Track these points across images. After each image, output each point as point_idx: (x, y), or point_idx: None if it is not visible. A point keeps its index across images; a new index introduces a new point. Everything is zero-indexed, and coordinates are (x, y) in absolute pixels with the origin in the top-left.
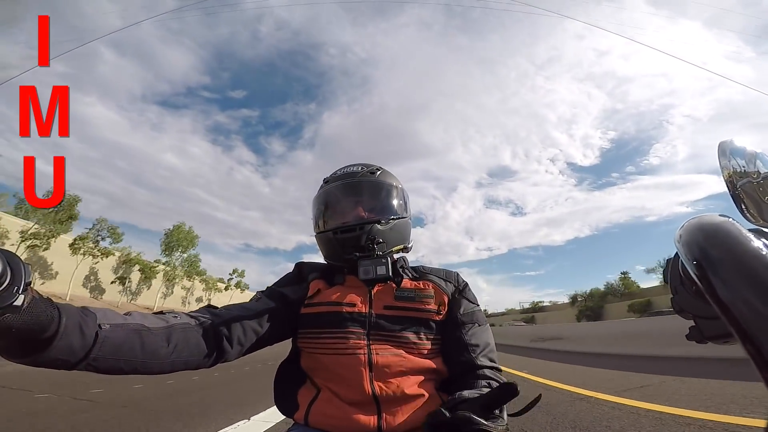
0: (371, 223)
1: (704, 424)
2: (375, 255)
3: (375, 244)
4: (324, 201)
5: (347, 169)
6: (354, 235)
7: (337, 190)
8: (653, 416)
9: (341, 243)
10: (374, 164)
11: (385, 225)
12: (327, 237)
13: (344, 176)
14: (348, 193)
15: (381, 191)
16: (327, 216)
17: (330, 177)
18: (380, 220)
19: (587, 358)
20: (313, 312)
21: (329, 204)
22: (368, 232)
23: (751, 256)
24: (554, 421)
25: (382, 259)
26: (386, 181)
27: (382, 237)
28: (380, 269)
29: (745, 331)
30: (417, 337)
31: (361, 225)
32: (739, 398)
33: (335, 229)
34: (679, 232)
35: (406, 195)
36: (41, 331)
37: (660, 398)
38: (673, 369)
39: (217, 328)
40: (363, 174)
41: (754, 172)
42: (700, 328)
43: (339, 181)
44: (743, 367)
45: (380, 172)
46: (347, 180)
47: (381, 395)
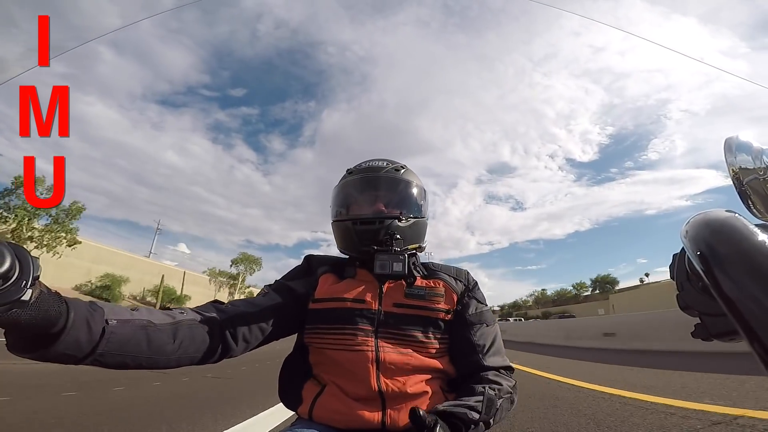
0: (391, 218)
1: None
2: (392, 250)
3: (393, 240)
4: (347, 191)
5: (372, 163)
6: (373, 228)
7: (361, 182)
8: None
9: (359, 234)
10: (399, 161)
11: (404, 222)
12: (345, 226)
13: (369, 169)
14: (371, 187)
15: (404, 188)
16: (348, 206)
17: (354, 168)
18: (400, 217)
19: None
20: (322, 307)
21: (351, 194)
22: (388, 227)
23: (759, 252)
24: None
25: (400, 255)
26: (410, 179)
27: (400, 233)
28: (396, 265)
29: (752, 328)
30: (425, 336)
31: (381, 219)
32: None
33: (355, 220)
34: (685, 227)
35: (427, 196)
36: (49, 325)
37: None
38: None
39: (223, 324)
40: (388, 170)
41: (761, 168)
42: (706, 325)
43: (363, 174)
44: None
45: (404, 170)
46: (372, 173)
47: (387, 392)
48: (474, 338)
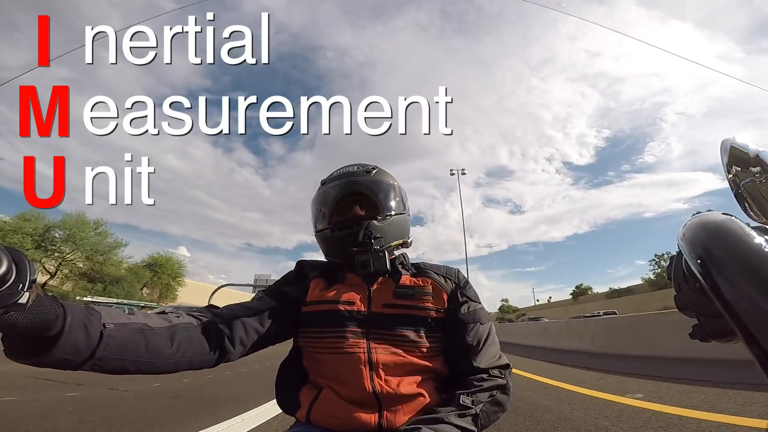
0: (368, 219)
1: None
2: (372, 249)
3: (373, 239)
4: (322, 201)
5: (343, 170)
6: (352, 232)
7: (334, 189)
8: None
9: (339, 240)
10: (370, 164)
11: (382, 221)
12: (326, 235)
13: (341, 176)
14: (345, 192)
15: (377, 189)
16: (325, 215)
17: (327, 178)
18: (377, 217)
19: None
20: (313, 310)
21: (327, 203)
22: (366, 228)
23: (755, 254)
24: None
25: (380, 252)
26: (382, 179)
27: (379, 232)
28: (377, 263)
29: (749, 328)
30: (416, 335)
31: (358, 221)
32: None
33: (333, 227)
34: (682, 230)
35: (403, 192)
36: (46, 329)
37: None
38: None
39: (219, 328)
40: (359, 173)
41: (757, 171)
42: (704, 326)
43: (336, 181)
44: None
45: (376, 171)
46: (343, 179)
47: (382, 393)
48: (468, 338)
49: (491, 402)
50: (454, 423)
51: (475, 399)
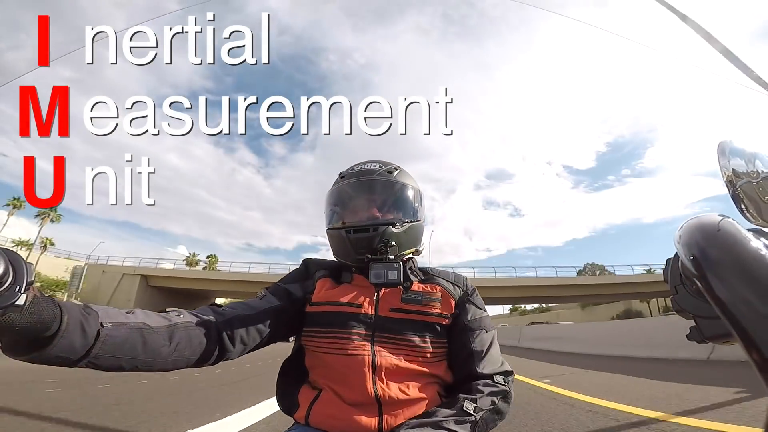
0: (386, 224)
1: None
2: (387, 258)
3: (388, 247)
4: (338, 197)
5: (364, 166)
6: (367, 236)
7: (353, 187)
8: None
9: (353, 243)
10: (392, 163)
11: (399, 228)
12: (339, 234)
13: (361, 173)
14: (363, 191)
15: (397, 192)
16: (340, 212)
17: (346, 172)
18: (395, 223)
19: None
20: (318, 311)
21: (343, 200)
22: (382, 234)
23: (751, 256)
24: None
25: (395, 263)
26: (404, 181)
27: (395, 240)
28: (392, 274)
29: (745, 330)
30: (422, 340)
31: (375, 226)
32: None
33: (348, 228)
34: (679, 232)
35: (423, 197)
36: (43, 329)
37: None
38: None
39: (220, 327)
40: (380, 172)
41: (754, 172)
42: (700, 328)
43: (355, 178)
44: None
45: (398, 171)
46: (363, 177)
47: (383, 397)
48: (472, 344)
49: (492, 410)
50: (452, 429)
51: (478, 406)
